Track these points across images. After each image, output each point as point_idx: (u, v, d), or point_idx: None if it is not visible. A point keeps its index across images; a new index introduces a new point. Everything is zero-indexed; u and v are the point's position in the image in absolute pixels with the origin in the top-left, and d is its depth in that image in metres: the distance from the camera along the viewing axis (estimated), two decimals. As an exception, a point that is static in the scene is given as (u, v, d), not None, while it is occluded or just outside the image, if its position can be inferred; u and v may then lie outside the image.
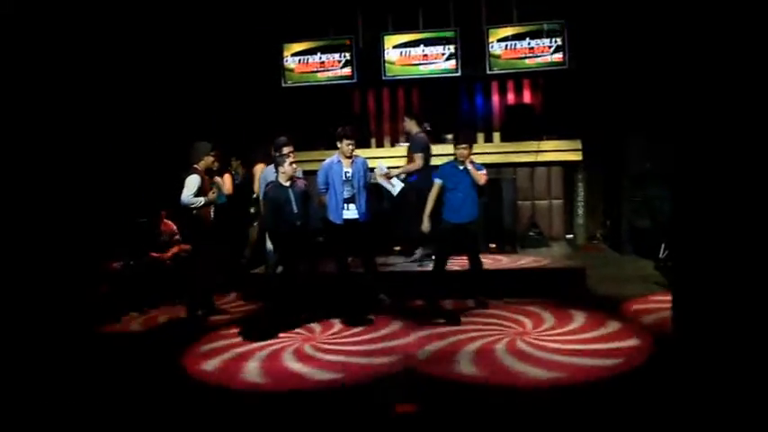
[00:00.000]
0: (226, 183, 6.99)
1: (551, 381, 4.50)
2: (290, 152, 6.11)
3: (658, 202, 7.80)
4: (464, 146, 6.04)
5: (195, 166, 6.34)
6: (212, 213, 6.45)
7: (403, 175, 7.19)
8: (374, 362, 5.08)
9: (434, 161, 8.34)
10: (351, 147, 6.20)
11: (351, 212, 6.21)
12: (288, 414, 4.29)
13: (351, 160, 6.24)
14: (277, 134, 6.91)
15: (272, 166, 6.31)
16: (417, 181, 7.05)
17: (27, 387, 4.71)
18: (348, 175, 6.19)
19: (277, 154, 6.12)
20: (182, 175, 6.29)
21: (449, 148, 8.19)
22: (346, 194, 6.20)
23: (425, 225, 6.16)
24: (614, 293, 6.62)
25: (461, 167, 6.05)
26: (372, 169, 6.99)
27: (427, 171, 7.04)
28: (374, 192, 7.19)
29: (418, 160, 7.12)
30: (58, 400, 4.54)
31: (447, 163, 6.24)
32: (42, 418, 4.27)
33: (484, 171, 6.11)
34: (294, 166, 6.00)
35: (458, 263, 6.69)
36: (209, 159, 6.41)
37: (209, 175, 6.44)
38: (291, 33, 9.47)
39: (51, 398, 4.58)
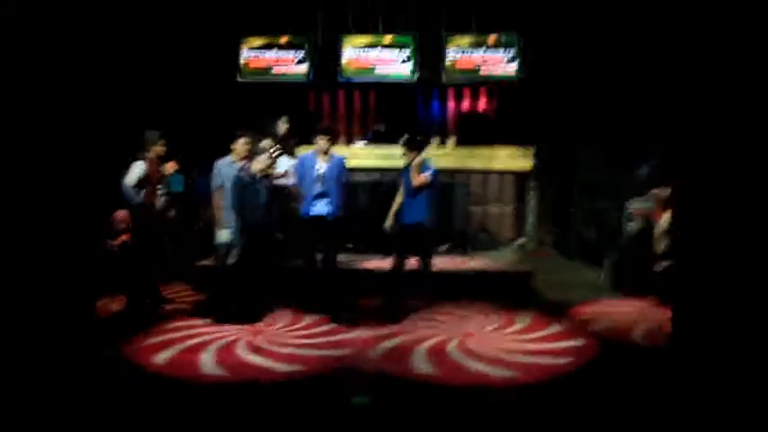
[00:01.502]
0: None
1: (509, 379, 4.59)
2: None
3: (605, 212, 8.01)
4: (404, 148, 6.16)
5: (145, 154, 6.25)
6: (161, 201, 6.33)
7: None
8: (328, 354, 5.10)
9: (390, 162, 8.50)
10: (323, 142, 6.15)
11: (318, 208, 6.15)
12: (248, 405, 4.24)
13: (327, 156, 6.19)
14: (231, 129, 6.90)
15: (228, 157, 6.30)
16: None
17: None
18: (320, 171, 6.14)
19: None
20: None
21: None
22: (316, 190, 6.15)
23: (387, 223, 6.26)
24: (561, 298, 6.77)
25: (408, 169, 6.15)
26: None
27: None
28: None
29: None
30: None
31: (405, 169, 6.28)
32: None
33: (427, 173, 6.08)
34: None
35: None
36: (158, 148, 6.30)
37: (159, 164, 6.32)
38: (251, 28, 9.37)
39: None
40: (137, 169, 6.15)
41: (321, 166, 6.16)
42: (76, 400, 4.27)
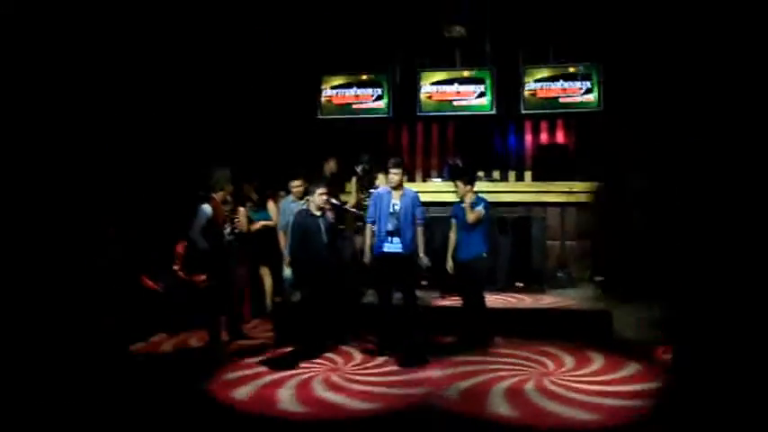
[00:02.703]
0: (240, 218, 6.97)
1: (593, 422, 4.53)
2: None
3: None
4: (460, 182, 6.33)
5: (212, 195, 6.41)
6: (228, 235, 6.49)
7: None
8: (405, 393, 5.16)
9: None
10: (396, 177, 6.09)
11: (392, 246, 6.05)
12: None
13: (400, 192, 6.14)
14: (311, 166, 7.39)
15: (290, 197, 6.66)
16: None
17: (56, 407, 4.81)
18: (395, 207, 6.07)
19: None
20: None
21: (482, 185, 8.36)
22: (390, 227, 6.05)
23: (449, 264, 6.45)
24: (642, 337, 6.56)
25: (462, 205, 6.31)
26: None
27: None
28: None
29: None
30: (88, 422, 4.63)
31: (457, 204, 6.49)
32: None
33: (479, 208, 6.28)
34: (324, 197, 6.15)
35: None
36: (228, 187, 6.46)
37: (230, 205, 6.56)
38: (331, 66, 9.69)
39: (81, 419, 4.66)
40: (202, 213, 6.28)
41: (396, 202, 6.09)
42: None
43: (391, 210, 6.08)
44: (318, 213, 6.18)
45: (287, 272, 6.63)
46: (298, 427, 4.60)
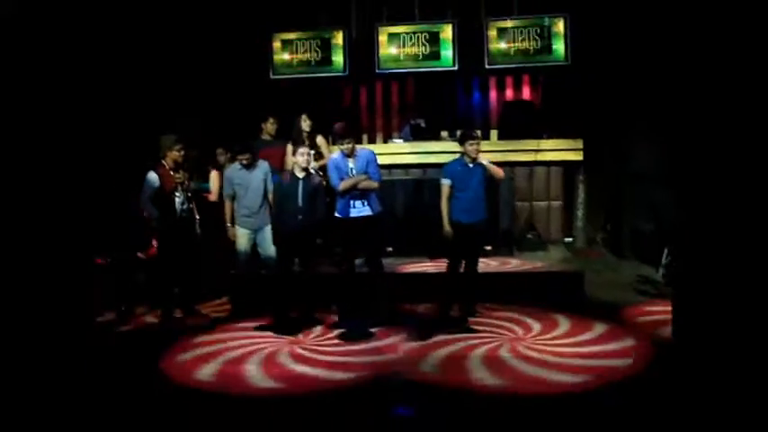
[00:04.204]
0: (212, 183, 6.77)
1: (581, 384, 4.37)
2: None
3: (662, 204, 7.48)
4: (474, 141, 5.72)
5: (162, 161, 6.02)
6: (180, 209, 6.06)
7: None
8: (375, 361, 4.94)
9: (432, 159, 8.14)
10: (349, 146, 5.77)
11: (358, 209, 5.78)
12: (300, 415, 4.12)
13: (354, 155, 5.84)
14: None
15: (237, 163, 6.19)
16: None
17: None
18: (353, 171, 5.77)
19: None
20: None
21: (446, 146, 7.98)
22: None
23: (447, 228, 5.74)
24: (614, 298, 6.39)
25: (471, 165, 5.72)
26: None
27: None
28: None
29: None
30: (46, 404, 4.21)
31: (454, 161, 5.85)
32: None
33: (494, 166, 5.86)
34: (306, 157, 5.83)
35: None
36: (174, 154, 6.01)
37: (179, 170, 6.08)
38: (281, 23, 9.09)
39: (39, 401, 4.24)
40: (149, 181, 5.94)
41: (352, 166, 5.80)
42: (115, 417, 4.11)
43: (349, 173, 5.78)
44: (301, 176, 5.78)
45: (239, 243, 6.16)
46: (270, 403, 4.31)
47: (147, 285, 6.79)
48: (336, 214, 5.86)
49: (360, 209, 5.77)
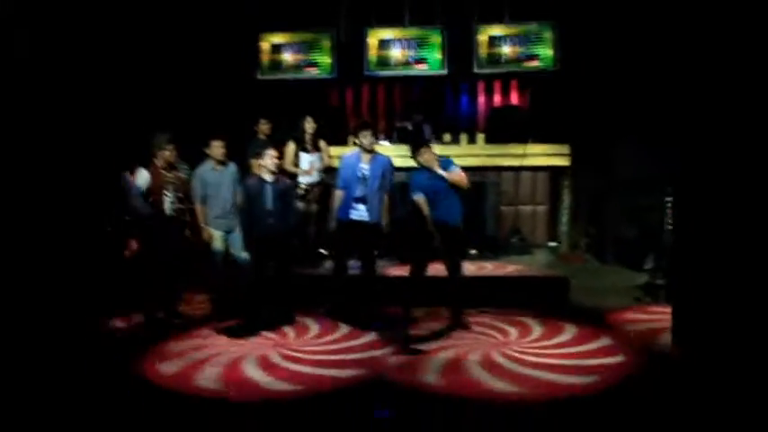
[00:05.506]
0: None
1: (590, 385, 4.35)
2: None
3: (646, 210, 7.48)
4: (426, 150, 5.56)
5: (154, 160, 5.94)
6: (170, 209, 5.97)
7: None
8: (341, 374, 4.75)
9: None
10: (367, 139, 5.72)
11: (359, 213, 5.75)
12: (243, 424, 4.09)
13: (371, 156, 5.78)
14: (250, 127, 7.17)
15: (208, 164, 6.16)
16: None
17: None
18: (364, 172, 5.73)
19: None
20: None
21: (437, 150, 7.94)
22: (358, 193, 5.75)
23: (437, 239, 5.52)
24: (598, 304, 6.35)
25: (433, 173, 5.49)
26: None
27: None
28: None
29: None
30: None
31: (419, 173, 5.58)
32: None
33: (458, 169, 5.54)
34: (275, 160, 5.79)
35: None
36: (166, 153, 5.94)
37: (171, 170, 6.02)
38: (270, 24, 9.08)
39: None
40: (140, 180, 5.87)
41: (365, 167, 5.74)
42: (83, 413, 4.10)
43: (359, 174, 5.74)
44: (269, 179, 5.75)
45: (215, 245, 6.13)
46: (208, 405, 4.27)
47: (128, 286, 6.53)
48: (337, 215, 5.84)
49: (361, 213, 5.76)
